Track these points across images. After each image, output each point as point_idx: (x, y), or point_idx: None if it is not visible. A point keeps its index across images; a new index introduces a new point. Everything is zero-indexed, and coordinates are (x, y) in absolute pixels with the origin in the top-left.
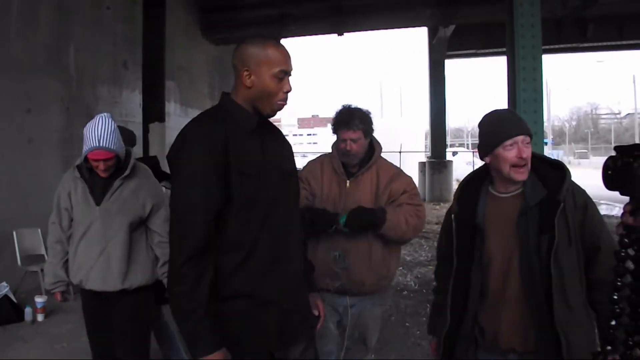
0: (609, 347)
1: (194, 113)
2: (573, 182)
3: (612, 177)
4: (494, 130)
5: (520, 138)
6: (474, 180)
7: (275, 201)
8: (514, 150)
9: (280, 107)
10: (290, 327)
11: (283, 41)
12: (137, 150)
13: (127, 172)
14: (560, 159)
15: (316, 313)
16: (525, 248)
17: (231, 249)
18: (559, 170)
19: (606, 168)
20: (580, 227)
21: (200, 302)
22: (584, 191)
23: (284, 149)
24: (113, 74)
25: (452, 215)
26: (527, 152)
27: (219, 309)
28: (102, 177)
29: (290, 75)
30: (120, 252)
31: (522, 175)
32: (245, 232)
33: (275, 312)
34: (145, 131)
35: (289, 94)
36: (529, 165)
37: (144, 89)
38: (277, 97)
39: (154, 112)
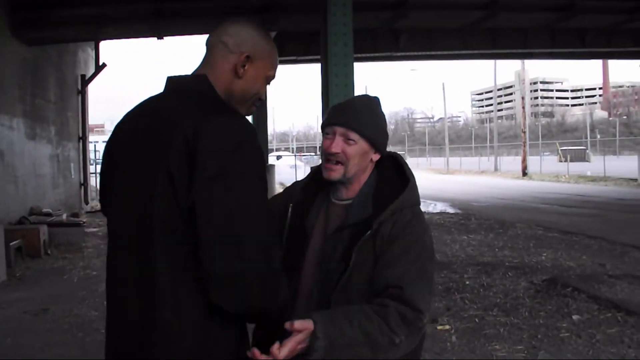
0: None
1: (3, 118)
2: (413, 207)
3: None
4: (326, 115)
5: (340, 130)
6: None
7: None
8: (328, 140)
9: (250, 114)
10: None
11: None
12: None
13: None
14: None
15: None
16: (326, 269)
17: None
18: (403, 184)
19: None
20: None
21: None
22: (415, 218)
23: None
24: None
25: (291, 205)
26: (340, 148)
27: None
28: None
29: None
30: None
31: (328, 173)
32: None
33: None
34: None
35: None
36: (350, 167)
37: None
38: (255, 104)
39: None
